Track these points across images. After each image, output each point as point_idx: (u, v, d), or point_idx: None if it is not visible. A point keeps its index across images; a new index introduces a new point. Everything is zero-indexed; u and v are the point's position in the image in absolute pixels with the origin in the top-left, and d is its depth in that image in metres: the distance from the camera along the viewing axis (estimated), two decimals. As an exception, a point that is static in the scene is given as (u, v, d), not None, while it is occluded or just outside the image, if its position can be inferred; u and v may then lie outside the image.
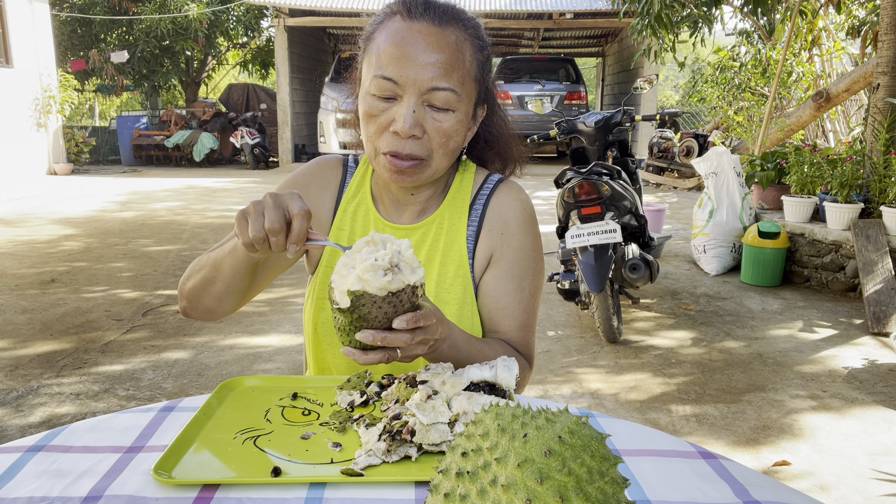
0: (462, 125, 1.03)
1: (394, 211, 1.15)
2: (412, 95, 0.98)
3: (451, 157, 1.06)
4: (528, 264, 1.13)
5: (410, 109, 0.98)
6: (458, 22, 1.02)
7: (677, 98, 26.55)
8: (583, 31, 16.37)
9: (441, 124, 1.00)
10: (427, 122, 1.00)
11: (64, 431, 0.86)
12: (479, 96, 1.08)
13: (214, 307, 1.07)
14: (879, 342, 3.53)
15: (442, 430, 0.79)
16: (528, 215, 1.15)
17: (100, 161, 14.74)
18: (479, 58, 1.05)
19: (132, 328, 3.74)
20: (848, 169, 4.41)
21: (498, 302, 1.12)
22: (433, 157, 1.03)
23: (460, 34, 1.01)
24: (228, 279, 1.02)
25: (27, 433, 2.51)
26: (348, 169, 1.21)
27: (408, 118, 0.97)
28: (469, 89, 1.03)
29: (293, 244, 0.85)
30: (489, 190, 1.15)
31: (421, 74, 0.97)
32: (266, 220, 0.84)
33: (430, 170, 1.04)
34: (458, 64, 1.00)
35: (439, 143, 1.01)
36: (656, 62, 7.10)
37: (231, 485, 0.74)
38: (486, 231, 1.13)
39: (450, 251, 1.12)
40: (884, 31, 4.58)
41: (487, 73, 1.09)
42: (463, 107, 1.02)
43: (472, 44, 1.03)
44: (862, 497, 2.11)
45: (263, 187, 10.25)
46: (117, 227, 6.85)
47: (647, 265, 3.41)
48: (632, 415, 2.69)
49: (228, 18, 15.33)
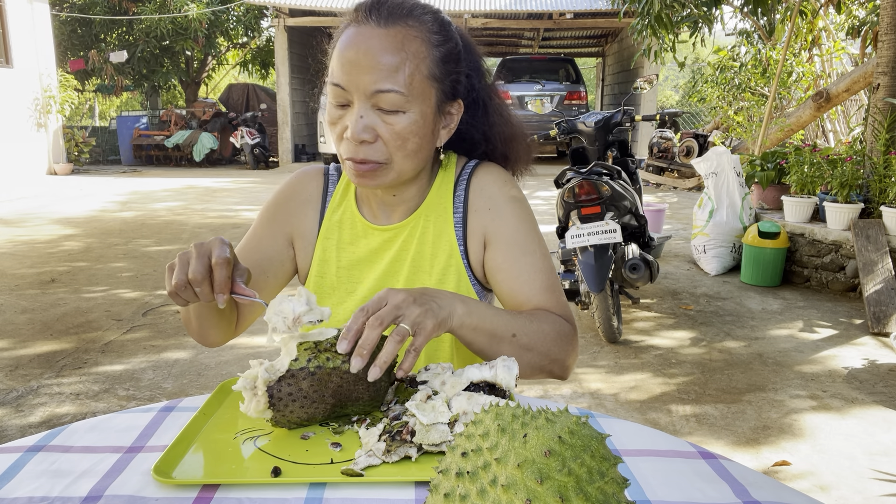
0: (418, 125, 0.99)
1: (381, 213, 1.15)
2: (359, 101, 0.97)
3: (415, 158, 1.03)
4: (527, 229, 1.11)
5: (358, 115, 0.97)
6: (406, 19, 0.99)
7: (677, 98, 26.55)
8: (583, 31, 16.37)
9: (393, 127, 0.98)
10: (378, 126, 0.98)
11: (64, 431, 0.86)
12: (445, 93, 1.03)
13: (201, 339, 1.11)
14: (879, 342, 3.53)
15: (442, 430, 0.79)
16: (510, 186, 1.14)
17: (100, 161, 14.74)
18: (436, 53, 1.00)
19: (132, 328, 3.74)
20: (848, 169, 4.41)
21: (510, 272, 1.09)
22: (393, 160, 1.01)
23: (409, 31, 0.98)
24: (197, 320, 1.06)
25: (27, 433, 2.51)
26: (330, 178, 1.20)
27: (355, 125, 0.97)
28: (422, 88, 0.99)
29: (219, 293, 0.86)
30: (468, 174, 1.14)
31: (364, 79, 0.96)
32: (189, 271, 0.85)
33: (394, 172, 1.02)
34: (404, 64, 0.96)
35: (396, 145, 0.99)
36: (656, 62, 7.10)
37: (231, 485, 0.74)
38: (473, 212, 1.12)
39: (439, 242, 1.12)
40: (884, 31, 4.58)
41: (454, 65, 1.04)
42: (416, 107, 0.98)
43: (425, 39, 0.99)
44: (862, 497, 2.11)
45: (263, 187, 10.26)
46: (117, 227, 6.85)
47: (647, 265, 3.41)
48: (632, 415, 2.69)
49: (228, 18, 15.34)
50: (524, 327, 1.00)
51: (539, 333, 1.01)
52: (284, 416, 0.84)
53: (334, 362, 0.82)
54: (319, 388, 0.83)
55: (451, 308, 0.92)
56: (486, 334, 0.96)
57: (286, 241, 1.18)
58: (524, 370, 1.01)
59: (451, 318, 0.91)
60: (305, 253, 1.18)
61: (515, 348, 0.98)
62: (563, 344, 1.03)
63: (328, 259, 1.16)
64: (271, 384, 0.83)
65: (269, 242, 1.16)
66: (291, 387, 0.82)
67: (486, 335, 0.96)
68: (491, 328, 0.96)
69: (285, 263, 1.18)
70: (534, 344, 1.00)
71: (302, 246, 1.18)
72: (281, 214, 1.18)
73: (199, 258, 0.86)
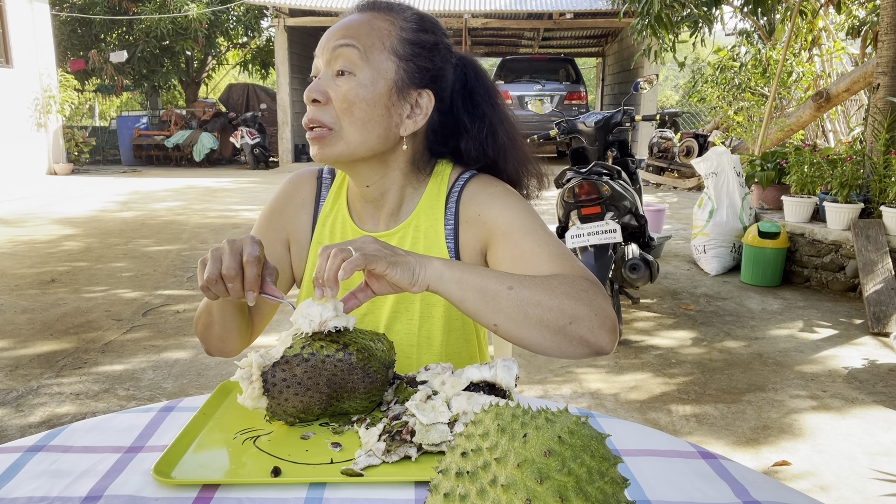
0: (367, 91, 0.99)
1: (367, 218, 1.13)
2: (323, 66, 1.02)
3: (364, 130, 1.01)
4: (522, 214, 1.06)
5: (315, 78, 1.02)
6: (384, 11, 1.05)
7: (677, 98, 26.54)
8: (583, 31, 16.37)
9: (340, 88, 1.00)
10: (331, 87, 1.01)
11: (64, 431, 0.86)
12: (407, 74, 1.03)
13: (222, 348, 1.12)
14: (879, 342, 3.53)
15: (442, 430, 0.79)
16: (499, 188, 1.11)
17: (100, 161, 14.74)
18: (404, 34, 1.03)
19: (132, 328, 3.74)
20: (848, 169, 4.41)
21: (514, 254, 1.03)
22: (341, 127, 1.01)
23: (382, 17, 1.04)
24: (221, 323, 1.06)
25: (27, 433, 2.51)
26: (323, 181, 1.19)
27: (310, 85, 1.01)
28: (380, 59, 1.01)
29: (249, 290, 0.87)
30: (461, 186, 1.12)
31: (329, 43, 1.01)
32: (223, 266, 0.86)
33: (343, 142, 1.01)
34: (367, 32, 1.01)
35: (341, 108, 1.00)
36: (656, 62, 7.10)
37: (231, 485, 0.74)
38: (464, 223, 1.09)
39: (430, 254, 1.09)
40: (884, 31, 4.58)
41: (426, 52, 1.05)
42: (367, 72, 1.00)
43: (395, 23, 1.04)
44: (862, 497, 2.11)
45: (263, 187, 10.26)
46: (117, 227, 6.85)
47: (647, 265, 3.41)
48: (632, 415, 2.69)
49: (228, 18, 15.34)
50: (523, 280, 0.90)
51: (544, 286, 0.90)
52: (280, 404, 0.85)
53: (328, 350, 0.84)
54: (314, 376, 0.83)
55: (426, 261, 0.88)
56: (475, 290, 0.88)
57: (284, 246, 1.18)
58: (542, 335, 0.89)
59: (422, 268, 0.87)
60: (300, 257, 1.18)
61: (516, 303, 0.88)
62: (582, 299, 0.90)
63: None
64: (266, 369, 0.84)
65: (268, 249, 1.15)
66: (286, 372, 0.84)
67: (475, 291, 0.88)
68: (480, 282, 0.88)
69: (286, 269, 1.18)
70: (539, 298, 0.89)
71: (297, 251, 1.18)
72: (277, 220, 1.18)
73: (232, 254, 0.87)
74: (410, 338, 1.11)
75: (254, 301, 0.88)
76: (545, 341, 0.90)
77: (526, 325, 0.89)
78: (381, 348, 0.89)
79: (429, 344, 1.11)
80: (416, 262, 0.87)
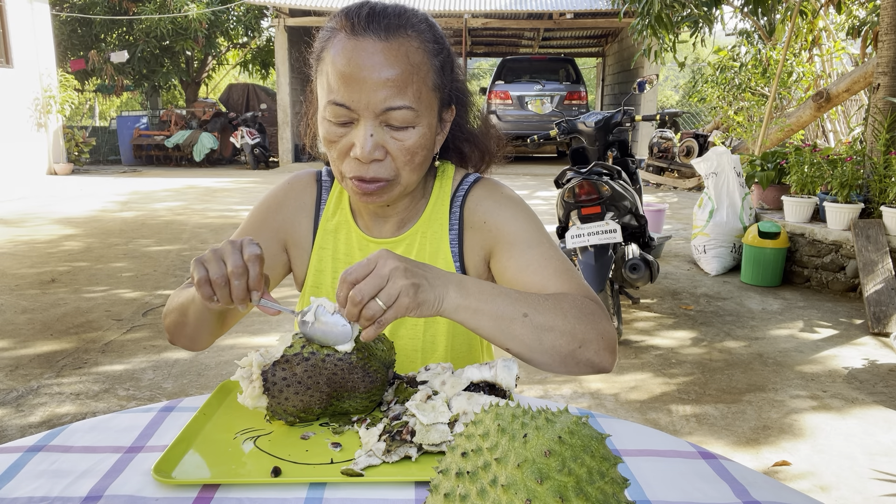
0: (426, 138, 0.97)
1: (374, 225, 1.12)
2: (368, 119, 0.93)
3: (420, 171, 1.00)
4: (528, 225, 1.06)
5: (368, 133, 0.93)
6: (406, 29, 0.94)
7: (677, 98, 26.54)
8: (583, 31, 16.37)
9: (403, 143, 0.95)
10: (388, 142, 0.95)
11: (64, 431, 0.86)
12: (443, 101, 1.02)
13: (190, 344, 1.10)
14: (879, 342, 3.52)
15: (442, 430, 0.79)
16: (506, 196, 1.10)
17: (100, 161, 14.74)
18: (436, 63, 0.98)
19: (132, 328, 3.74)
20: (848, 169, 4.41)
21: (518, 266, 1.03)
22: (401, 175, 0.98)
23: (411, 43, 0.94)
24: (194, 325, 1.03)
25: (27, 433, 2.51)
26: (323, 185, 1.17)
27: (366, 143, 0.93)
28: (428, 100, 0.97)
29: (254, 290, 0.84)
30: (465, 191, 1.11)
31: (373, 97, 0.91)
32: (229, 265, 0.82)
33: (400, 187, 1.00)
34: (411, 78, 0.93)
35: (404, 161, 0.96)
36: (656, 62, 7.10)
37: (231, 485, 0.74)
38: (469, 230, 1.09)
39: (435, 259, 1.09)
40: (884, 31, 4.58)
41: (449, 73, 1.02)
42: (424, 120, 0.96)
43: (426, 49, 0.96)
44: (862, 497, 2.11)
45: (263, 187, 10.25)
46: (117, 227, 6.85)
47: (647, 265, 3.41)
48: (632, 415, 2.69)
49: (228, 18, 15.34)
50: (537, 305, 0.91)
51: (557, 310, 0.91)
52: (280, 403, 0.85)
53: (328, 349, 0.83)
54: (314, 375, 0.83)
55: (443, 291, 0.85)
56: (490, 317, 0.88)
57: (279, 246, 1.16)
58: (552, 359, 0.91)
59: (440, 301, 0.85)
60: (301, 261, 1.17)
61: (531, 329, 0.89)
62: (589, 322, 0.93)
63: (324, 269, 1.14)
64: (266, 369, 0.84)
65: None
66: (286, 371, 0.83)
67: (490, 318, 0.88)
68: (495, 310, 0.88)
69: (276, 268, 1.16)
70: (553, 323, 0.90)
71: (297, 254, 1.17)
72: (273, 220, 1.15)
73: (235, 253, 0.84)
74: (415, 342, 1.10)
75: (257, 301, 0.85)
76: (554, 364, 0.93)
77: (539, 351, 0.91)
78: (381, 348, 0.89)
79: (433, 348, 1.11)
80: (435, 297, 0.85)
